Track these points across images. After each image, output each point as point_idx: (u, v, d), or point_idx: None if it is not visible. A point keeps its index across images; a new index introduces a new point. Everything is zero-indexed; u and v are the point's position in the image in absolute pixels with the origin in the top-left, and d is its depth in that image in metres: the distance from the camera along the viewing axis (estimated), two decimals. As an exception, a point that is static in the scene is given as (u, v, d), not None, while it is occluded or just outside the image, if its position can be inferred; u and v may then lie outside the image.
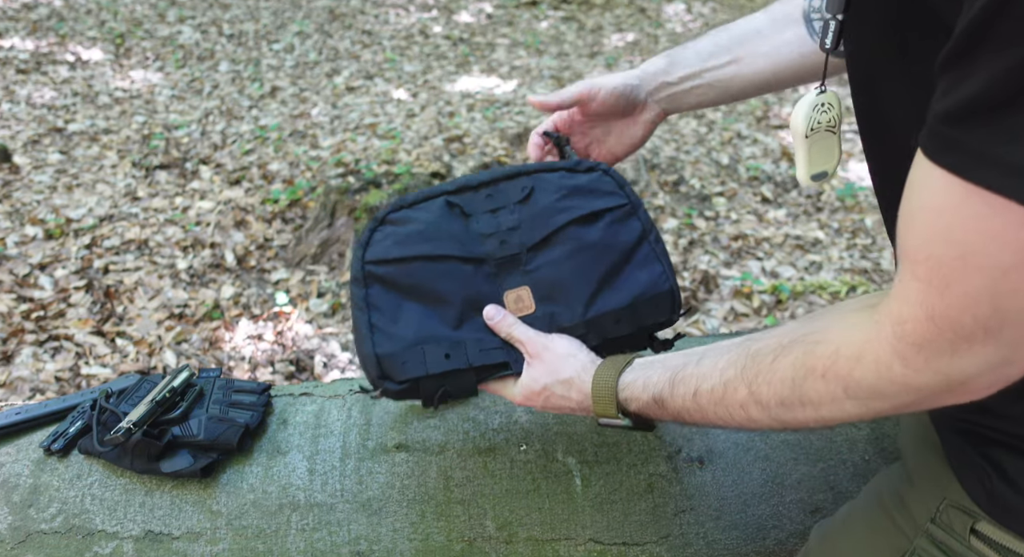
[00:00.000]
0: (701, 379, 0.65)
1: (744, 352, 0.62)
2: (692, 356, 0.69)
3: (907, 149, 0.56)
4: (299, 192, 3.10)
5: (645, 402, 0.71)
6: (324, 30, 5.25)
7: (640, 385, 0.72)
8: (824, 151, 0.75)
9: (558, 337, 0.80)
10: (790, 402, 0.57)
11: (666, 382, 0.69)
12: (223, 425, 0.90)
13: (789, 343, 0.57)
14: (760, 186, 3.36)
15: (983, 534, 0.61)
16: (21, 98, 3.96)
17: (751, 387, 0.60)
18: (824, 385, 0.54)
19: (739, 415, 0.62)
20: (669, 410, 0.69)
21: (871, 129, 0.61)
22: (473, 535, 0.86)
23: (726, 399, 0.62)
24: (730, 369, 0.62)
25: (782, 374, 0.57)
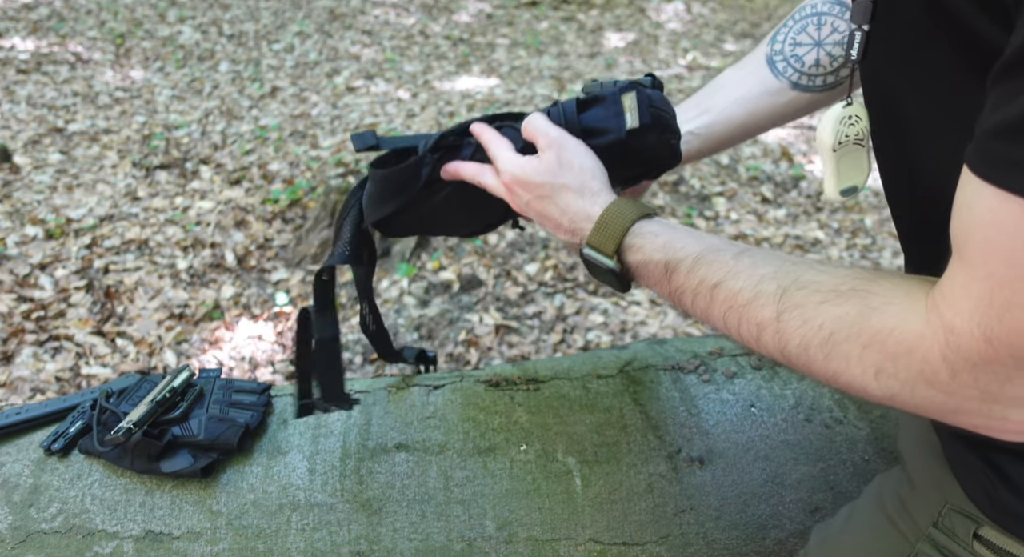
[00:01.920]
0: (732, 274, 0.59)
1: (792, 274, 0.56)
2: (730, 244, 0.62)
3: (925, 159, 0.56)
4: (299, 192, 3.10)
5: (653, 262, 0.65)
6: (324, 30, 5.25)
7: (660, 243, 0.65)
8: (853, 165, 0.73)
9: (581, 145, 0.74)
10: (814, 351, 0.53)
11: (692, 255, 0.62)
12: (223, 425, 0.90)
13: (847, 291, 0.52)
14: (760, 186, 3.36)
15: (986, 539, 0.61)
16: (21, 98, 3.96)
17: (781, 315, 0.54)
18: (860, 355, 0.50)
19: (748, 331, 0.57)
20: (673, 283, 0.63)
21: (886, 139, 0.61)
22: (473, 535, 0.86)
23: (748, 310, 0.57)
24: (769, 283, 0.56)
25: (823, 321, 0.52)
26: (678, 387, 0.99)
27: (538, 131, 0.74)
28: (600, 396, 0.98)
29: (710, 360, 1.03)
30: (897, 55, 0.55)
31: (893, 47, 0.55)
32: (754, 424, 0.95)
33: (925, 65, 0.51)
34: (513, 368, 1.04)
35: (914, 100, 0.54)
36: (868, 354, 0.50)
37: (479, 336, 2.39)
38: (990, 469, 0.59)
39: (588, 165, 0.73)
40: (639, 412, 0.96)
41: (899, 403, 0.51)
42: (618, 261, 0.67)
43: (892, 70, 0.56)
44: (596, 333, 2.42)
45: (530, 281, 2.67)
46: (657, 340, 1.11)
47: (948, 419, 0.50)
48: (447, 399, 0.98)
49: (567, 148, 0.73)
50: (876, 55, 0.59)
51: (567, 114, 0.77)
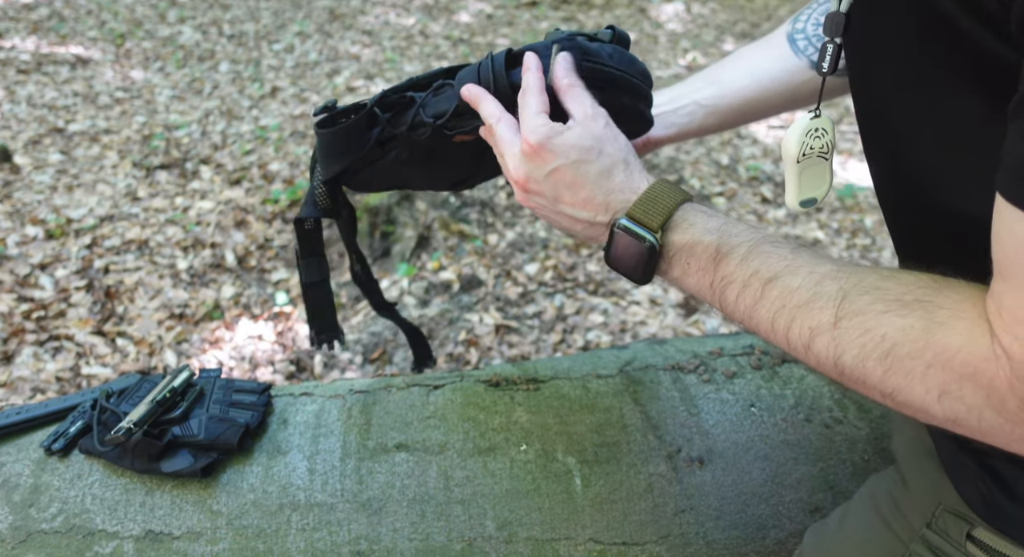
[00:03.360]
0: (791, 270, 0.54)
1: (854, 278, 0.51)
2: (787, 240, 0.57)
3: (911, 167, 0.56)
4: (299, 192, 3.10)
5: (703, 244, 0.59)
6: (324, 30, 5.25)
7: (715, 224, 0.59)
8: (815, 177, 0.73)
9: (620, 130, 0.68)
10: (871, 363, 0.48)
11: (748, 242, 0.57)
12: (223, 425, 0.90)
13: (913, 302, 0.48)
14: (760, 186, 3.36)
15: (979, 540, 0.61)
16: (22, 98, 3.96)
17: (839, 320, 0.50)
18: (924, 374, 0.47)
19: (799, 335, 0.52)
20: (720, 272, 0.58)
21: (873, 146, 0.61)
22: (473, 535, 0.86)
23: (803, 310, 0.52)
24: (830, 283, 0.52)
25: (885, 331, 0.48)
26: (678, 387, 0.99)
27: (582, 101, 0.67)
28: (600, 396, 0.98)
29: (710, 360, 1.03)
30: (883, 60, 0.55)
31: (876, 54, 0.55)
32: (754, 424, 0.95)
33: (912, 68, 0.51)
34: (513, 368, 1.05)
35: (900, 102, 0.54)
36: (933, 373, 0.46)
37: (479, 336, 2.39)
38: (984, 471, 0.59)
39: (629, 145, 0.67)
40: (639, 412, 0.96)
41: (962, 428, 0.48)
42: (661, 238, 0.61)
43: (878, 75, 0.56)
44: (596, 333, 2.42)
45: (530, 281, 2.67)
46: (657, 340, 1.11)
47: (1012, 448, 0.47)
48: (447, 399, 0.98)
49: (611, 125, 0.66)
50: (862, 61, 0.59)
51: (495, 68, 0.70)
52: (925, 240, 0.61)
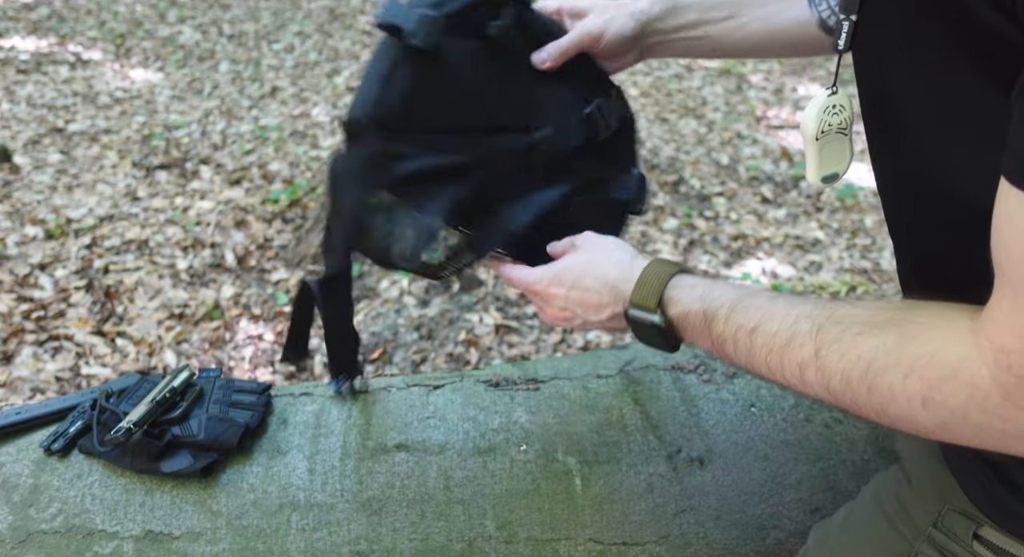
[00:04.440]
0: (768, 317, 0.59)
1: (827, 311, 0.55)
2: (764, 292, 0.63)
3: (915, 150, 0.56)
4: (299, 192, 3.10)
5: (692, 312, 0.66)
6: (324, 30, 5.25)
7: (698, 294, 0.67)
8: (835, 153, 0.74)
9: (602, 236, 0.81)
10: (856, 385, 0.51)
11: (728, 303, 0.63)
12: (223, 425, 0.90)
13: (883, 322, 0.51)
14: (760, 186, 3.36)
15: (986, 539, 0.61)
16: (21, 98, 3.96)
17: (820, 351, 0.54)
18: (903, 385, 0.48)
19: (791, 372, 0.56)
20: (713, 333, 0.64)
21: (877, 130, 0.61)
22: (473, 535, 0.86)
23: (787, 350, 0.56)
24: (804, 321, 0.56)
25: (861, 352, 0.51)
26: (678, 387, 0.99)
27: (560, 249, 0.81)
28: (600, 396, 0.98)
29: (710, 360, 1.03)
30: (889, 41, 0.55)
31: (882, 33, 0.55)
32: (754, 424, 0.95)
33: (918, 49, 0.51)
34: (513, 368, 1.05)
35: (906, 86, 0.54)
36: (911, 382, 0.48)
37: (479, 336, 2.39)
38: (989, 469, 0.59)
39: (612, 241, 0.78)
40: (639, 412, 0.96)
41: (953, 434, 0.48)
42: (662, 316, 0.69)
43: (885, 57, 0.56)
44: (596, 333, 2.42)
45: (530, 281, 2.66)
46: (657, 340, 1.11)
47: (1011, 449, 0.47)
48: (447, 399, 0.98)
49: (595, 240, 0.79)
50: (868, 43, 0.58)
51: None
52: (924, 233, 0.61)
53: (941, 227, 0.58)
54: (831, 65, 0.71)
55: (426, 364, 2.30)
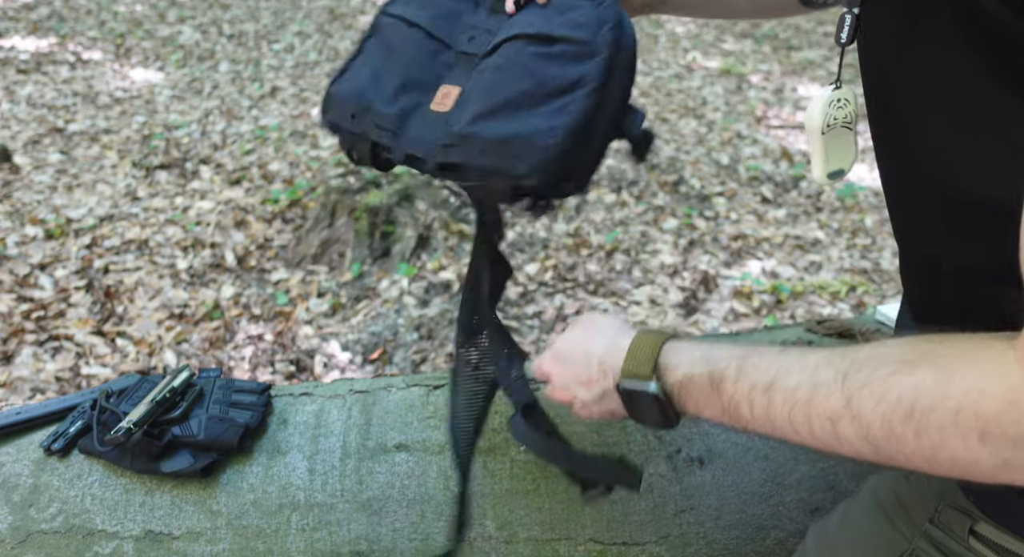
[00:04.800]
0: (783, 372, 0.54)
1: (847, 357, 0.51)
2: (769, 347, 0.58)
3: (919, 144, 0.56)
4: (299, 192, 3.10)
5: (696, 376, 0.60)
6: (324, 30, 5.25)
7: (697, 355, 0.61)
8: (841, 148, 0.73)
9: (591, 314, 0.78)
10: (901, 429, 0.46)
11: (734, 362, 0.58)
12: (223, 425, 0.90)
13: (915, 359, 0.47)
14: (760, 186, 3.36)
15: (983, 535, 0.61)
16: (21, 98, 3.96)
17: (851, 398, 0.48)
18: (955, 422, 0.44)
19: (822, 428, 0.51)
20: (725, 396, 0.58)
21: (881, 125, 0.61)
22: (473, 535, 0.86)
23: (812, 405, 0.51)
24: (826, 370, 0.51)
25: (899, 394, 0.46)
26: (678, 387, 0.99)
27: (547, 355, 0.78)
28: (600, 396, 0.98)
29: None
30: (893, 35, 0.54)
31: (886, 25, 0.55)
32: (754, 424, 0.95)
33: (922, 43, 0.51)
34: (513, 368, 1.05)
35: (910, 80, 0.54)
36: (964, 418, 0.44)
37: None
38: None
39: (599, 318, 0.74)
40: (639, 412, 0.96)
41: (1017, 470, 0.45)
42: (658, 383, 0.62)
43: (888, 50, 0.56)
44: (596, 333, 2.42)
45: (530, 281, 2.67)
46: (657, 340, 1.11)
47: None
48: (447, 399, 0.98)
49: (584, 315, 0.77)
50: (872, 36, 0.58)
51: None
52: (927, 228, 0.61)
53: (944, 222, 0.58)
54: (831, 65, 0.71)
55: (426, 364, 2.31)
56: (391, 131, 0.78)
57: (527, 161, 0.67)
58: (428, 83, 0.79)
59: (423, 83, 0.79)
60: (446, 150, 0.73)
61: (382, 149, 0.79)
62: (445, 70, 0.79)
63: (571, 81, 0.68)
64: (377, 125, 0.78)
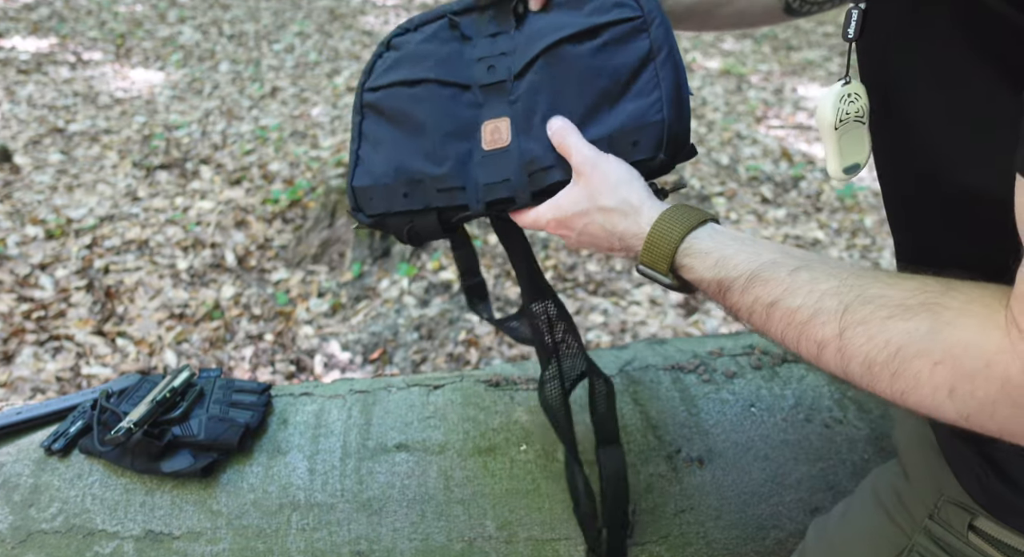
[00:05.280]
0: (790, 292, 0.56)
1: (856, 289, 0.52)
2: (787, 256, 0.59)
3: (920, 140, 0.56)
4: (299, 192, 3.10)
5: (706, 280, 0.63)
6: (324, 30, 5.25)
7: (712, 260, 0.62)
8: (855, 142, 0.73)
9: (613, 159, 0.70)
10: (879, 368, 0.49)
11: (745, 274, 0.59)
12: (223, 425, 0.90)
13: (917, 306, 0.48)
14: (760, 186, 3.36)
15: (982, 530, 0.61)
16: (22, 98, 3.96)
17: (844, 332, 0.51)
18: (931, 373, 0.46)
19: (808, 348, 0.54)
20: (728, 301, 0.61)
21: (882, 120, 0.61)
22: (473, 535, 0.86)
23: (807, 327, 0.54)
24: (830, 299, 0.53)
25: (889, 336, 0.48)
26: (678, 387, 0.99)
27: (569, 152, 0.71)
28: (600, 396, 0.98)
29: (710, 360, 1.03)
30: (895, 30, 0.55)
31: (891, 22, 0.55)
32: (754, 424, 0.95)
33: (924, 39, 0.51)
34: (513, 368, 1.05)
35: (911, 75, 0.54)
36: (940, 371, 0.46)
37: (479, 336, 2.39)
38: (984, 461, 0.59)
39: (624, 177, 0.69)
40: (639, 412, 0.96)
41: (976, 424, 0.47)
42: (674, 278, 0.66)
43: (890, 45, 0.56)
44: (596, 333, 2.42)
45: (530, 281, 2.66)
46: (657, 340, 1.11)
47: None
48: (447, 399, 0.98)
49: (599, 166, 0.70)
50: (874, 32, 0.58)
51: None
52: (924, 222, 0.61)
53: (942, 218, 0.58)
54: (831, 65, 0.71)
55: (426, 364, 2.31)
56: (458, 188, 0.74)
57: (646, 144, 0.70)
58: (466, 129, 0.76)
59: (460, 131, 0.76)
60: (544, 174, 0.72)
61: (451, 212, 0.76)
62: (476, 109, 0.76)
63: (640, 58, 0.70)
64: (439, 190, 0.75)
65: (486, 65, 0.77)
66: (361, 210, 0.80)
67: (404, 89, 0.79)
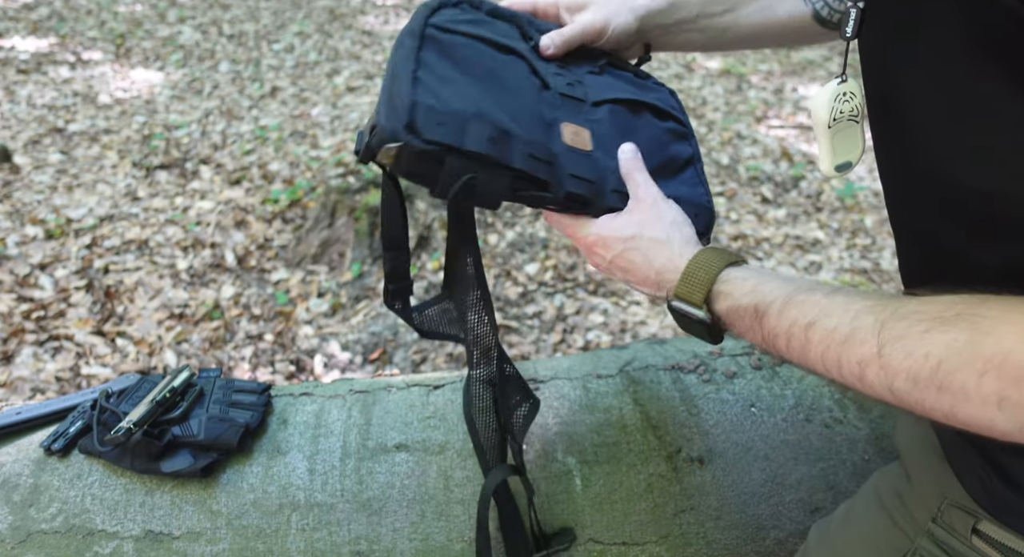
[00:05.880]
0: (826, 312, 0.56)
1: (890, 306, 0.52)
2: (821, 286, 0.60)
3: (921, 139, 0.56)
4: (299, 192, 3.10)
5: (742, 306, 0.63)
6: (324, 30, 5.25)
7: (748, 287, 0.63)
8: (848, 141, 0.73)
9: (673, 203, 0.75)
10: (924, 384, 0.48)
11: (781, 297, 0.60)
12: (223, 425, 0.90)
13: (953, 317, 0.48)
14: (760, 186, 3.36)
15: (985, 534, 0.61)
16: (22, 98, 3.96)
17: (883, 348, 0.50)
18: (977, 384, 0.46)
19: (850, 370, 0.53)
20: (766, 327, 0.61)
21: (883, 119, 0.61)
22: (473, 535, 0.86)
23: (846, 347, 0.53)
24: (866, 316, 0.53)
25: (929, 350, 0.48)
26: (678, 387, 0.99)
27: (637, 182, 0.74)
28: (600, 396, 0.98)
29: (710, 360, 1.03)
30: (894, 28, 0.54)
31: (891, 20, 0.55)
32: (754, 424, 0.95)
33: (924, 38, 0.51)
34: (513, 368, 1.04)
35: (910, 73, 0.54)
36: (987, 381, 0.45)
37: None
38: (988, 464, 0.59)
39: (678, 219, 0.73)
40: (639, 412, 0.96)
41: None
42: (707, 311, 0.66)
43: (890, 43, 0.56)
44: (596, 333, 2.42)
45: (530, 281, 2.67)
46: (657, 340, 1.11)
47: None
48: (447, 399, 0.98)
49: (659, 203, 0.73)
50: (874, 30, 0.58)
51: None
52: (925, 223, 0.61)
53: (941, 215, 0.58)
54: (831, 65, 0.71)
55: (426, 364, 2.31)
56: (546, 162, 0.71)
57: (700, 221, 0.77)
58: (547, 119, 0.75)
59: (543, 118, 0.74)
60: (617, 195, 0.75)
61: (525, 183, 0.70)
62: (554, 108, 0.76)
63: (687, 157, 0.82)
64: (529, 155, 0.69)
65: (565, 80, 0.79)
66: (416, 133, 0.65)
67: (489, 49, 0.75)
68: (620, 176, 0.76)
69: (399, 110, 0.66)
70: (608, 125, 0.78)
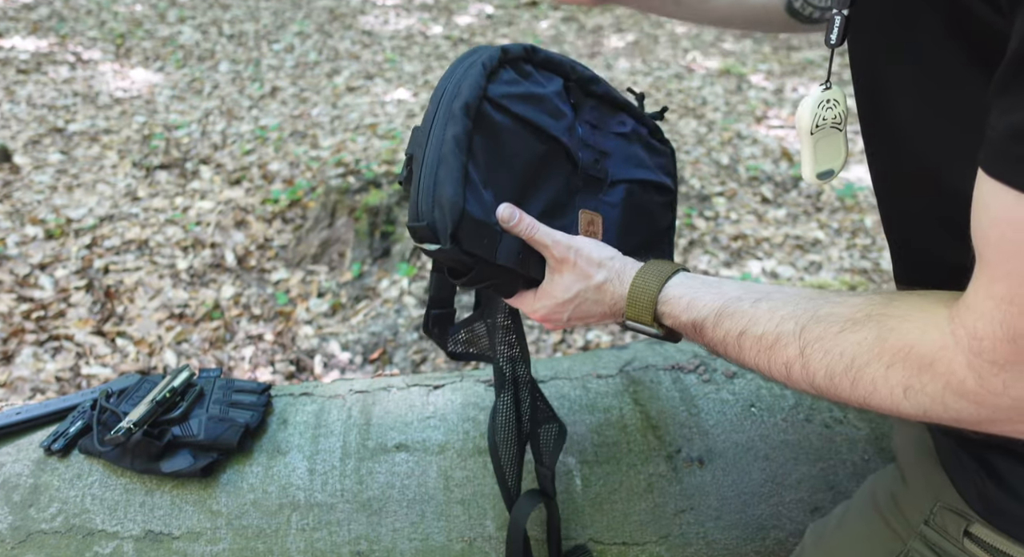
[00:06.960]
0: (753, 321, 0.62)
1: (809, 311, 0.58)
2: (749, 291, 0.65)
3: (911, 142, 0.56)
4: (299, 192, 3.10)
5: (682, 323, 0.68)
6: (324, 30, 5.25)
7: (684, 304, 0.68)
8: (830, 149, 0.74)
9: (585, 239, 0.75)
10: (839, 379, 0.54)
11: (713, 312, 0.65)
12: (223, 425, 0.90)
13: (863, 318, 0.53)
14: (760, 186, 3.36)
15: (977, 537, 0.61)
16: (22, 98, 3.96)
17: (804, 350, 0.57)
18: (885, 376, 0.51)
19: (779, 370, 0.60)
20: (706, 338, 0.67)
21: (873, 123, 0.61)
22: (473, 535, 0.86)
23: (773, 351, 0.59)
24: (788, 322, 0.59)
25: (843, 349, 0.54)
26: (678, 387, 0.99)
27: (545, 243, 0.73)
28: (600, 396, 0.98)
29: (710, 360, 1.03)
30: (879, 32, 0.55)
31: (875, 25, 0.55)
32: (754, 424, 0.95)
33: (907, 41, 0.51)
34: (513, 368, 1.04)
35: (896, 76, 0.54)
36: (892, 373, 0.51)
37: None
38: (981, 467, 0.59)
39: (606, 253, 0.75)
40: (639, 412, 0.96)
41: (933, 418, 0.51)
42: (659, 326, 0.71)
43: (875, 48, 0.56)
44: (596, 333, 2.42)
45: (530, 281, 2.66)
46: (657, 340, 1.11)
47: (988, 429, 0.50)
48: (447, 399, 0.98)
49: (581, 250, 0.74)
50: (860, 33, 0.59)
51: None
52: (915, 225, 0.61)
53: (935, 220, 0.58)
54: (831, 64, 0.71)
55: (426, 364, 2.31)
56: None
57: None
58: (567, 206, 0.78)
59: (563, 205, 0.77)
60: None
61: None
62: (576, 194, 0.79)
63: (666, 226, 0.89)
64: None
65: (592, 155, 0.81)
66: (459, 243, 0.66)
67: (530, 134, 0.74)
68: None
69: (446, 211, 0.65)
70: (620, 211, 0.83)
